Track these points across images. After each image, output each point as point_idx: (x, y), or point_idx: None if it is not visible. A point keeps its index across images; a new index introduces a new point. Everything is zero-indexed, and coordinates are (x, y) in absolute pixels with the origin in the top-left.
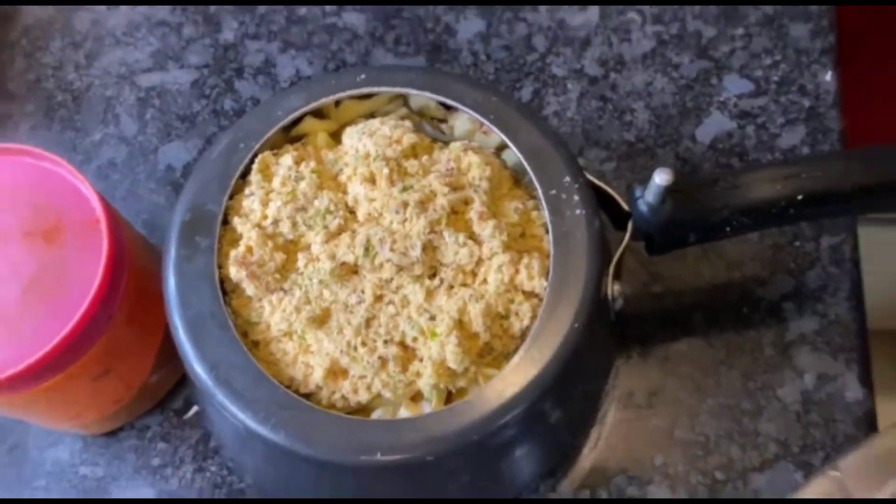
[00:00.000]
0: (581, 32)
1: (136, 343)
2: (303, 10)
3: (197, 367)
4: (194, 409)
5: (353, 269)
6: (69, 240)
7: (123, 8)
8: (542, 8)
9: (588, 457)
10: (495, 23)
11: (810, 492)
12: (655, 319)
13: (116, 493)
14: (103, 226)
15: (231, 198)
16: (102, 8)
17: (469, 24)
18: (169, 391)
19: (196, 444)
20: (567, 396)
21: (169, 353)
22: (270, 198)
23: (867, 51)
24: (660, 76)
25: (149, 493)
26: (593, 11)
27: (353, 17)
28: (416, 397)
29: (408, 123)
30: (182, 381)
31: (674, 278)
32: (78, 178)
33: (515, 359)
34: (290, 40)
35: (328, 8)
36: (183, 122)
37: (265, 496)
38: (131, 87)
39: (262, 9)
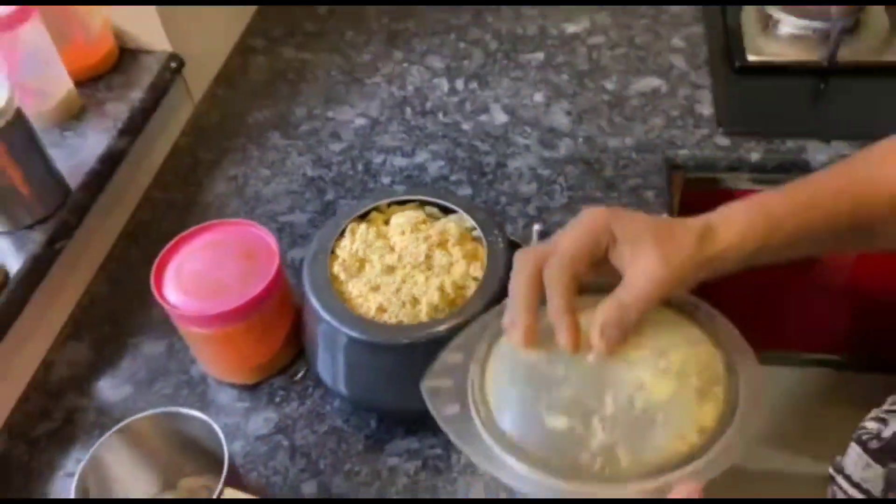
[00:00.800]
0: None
1: (278, 321)
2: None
3: (316, 305)
4: (301, 372)
5: (392, 269)
6: (260, 259)
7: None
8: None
9: None
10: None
11: None
12: None
13: (255, 419)
14: (275, 255)
15: (335, 242)
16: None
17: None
18: (288, 363)
19: (301, 391)
20: None
21: (292, 337)
22: (354, 240)
23: None
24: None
25: (273, 417)
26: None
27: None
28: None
29: (420, 213)
30: (295, 358)
31: None
32: (265, 231)
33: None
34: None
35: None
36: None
37: (338, 391)
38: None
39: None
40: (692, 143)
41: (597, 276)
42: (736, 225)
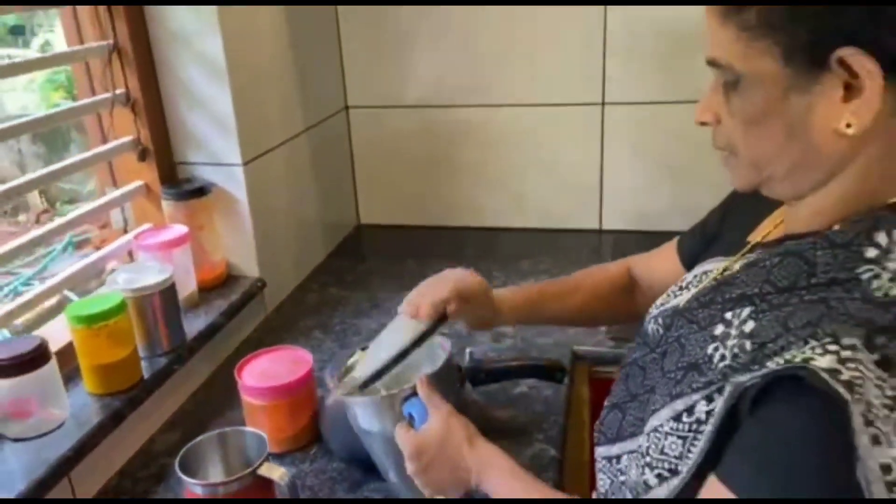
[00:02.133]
0: None
1: (304, 404)
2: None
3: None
4: (314, 449)
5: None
6: (300, 366)
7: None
8: None
9: None
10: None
11: None
12: None
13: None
14: (309, 363)
15: (344, 370)
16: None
17: None
18: (306, 443)
19: (314, 458)
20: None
21: (311, 424)
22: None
23: None
24: None
25: (293, 471)
26: None
27: None
28: None
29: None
30: (311, 440)
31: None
32: (306, 352)
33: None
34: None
35: None
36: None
37: (345, 456)
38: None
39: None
40: None
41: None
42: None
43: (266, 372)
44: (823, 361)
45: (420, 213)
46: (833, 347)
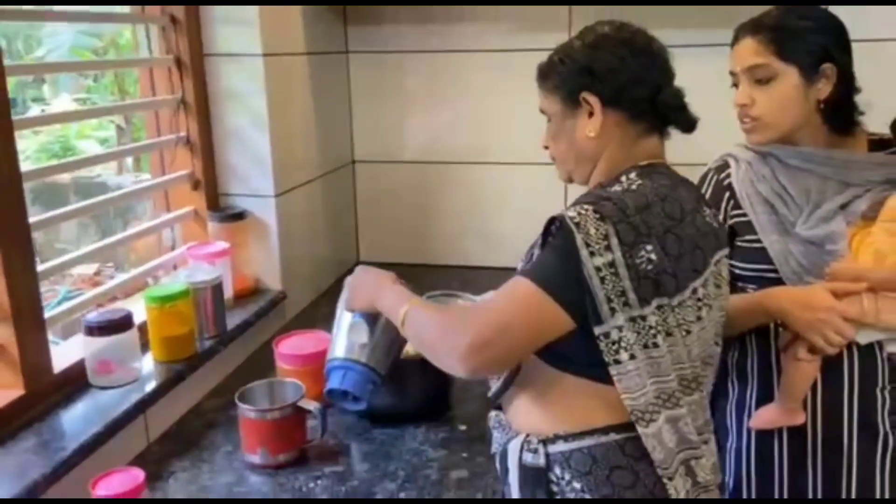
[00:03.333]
0: None
1: (321, 375)
2: None
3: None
4: (332, 407)
5: None
6: (321, 343)
7: None
8: None
9: None
10: None
11: None
12: None
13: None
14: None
15: None
16: None
17: None
18: (325, 403)
19: (332, 414)
20: None
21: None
22: None
23: None
24: None
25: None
26: None
27: None
28: None
29: None
30: (328, 402)
31: None
32: (326, 334)
33: None
34: None
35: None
36: None
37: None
38: None
39: None
40: None
41: None
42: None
43: (296, 345)
44: (570, 212)
45: (411, 253)
46: (577, 208)
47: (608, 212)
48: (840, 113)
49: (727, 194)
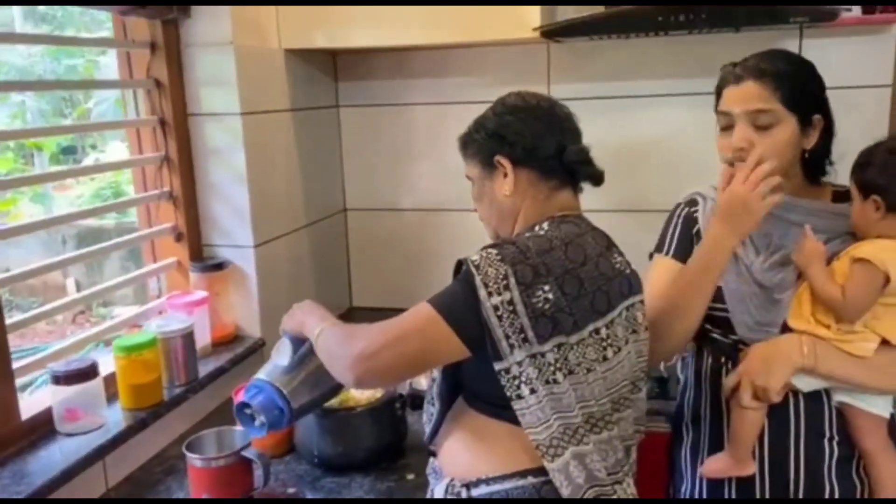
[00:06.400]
0: None
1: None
2: None
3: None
4: (288, 456)
5: None
6: None
7: None
8: None
9: None
10: None
11: None
12: None
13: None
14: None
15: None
16: None
17: None
18: (282, 452)
19: (287, 462)
20: None
21: (285, 438)
22: None
23: None
24: None
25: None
26: None
27: None
28: None
29: None
30: (286, 450)
31: None
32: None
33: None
34: None
35: None
36: None
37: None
38: None
39: None
40: None
41: None
42: None
43: None
44: (474, 256)
45: (404, 297)
46: (482, 252)
47: (508, 254)
48: (818, 163)
49: (696, 228)
